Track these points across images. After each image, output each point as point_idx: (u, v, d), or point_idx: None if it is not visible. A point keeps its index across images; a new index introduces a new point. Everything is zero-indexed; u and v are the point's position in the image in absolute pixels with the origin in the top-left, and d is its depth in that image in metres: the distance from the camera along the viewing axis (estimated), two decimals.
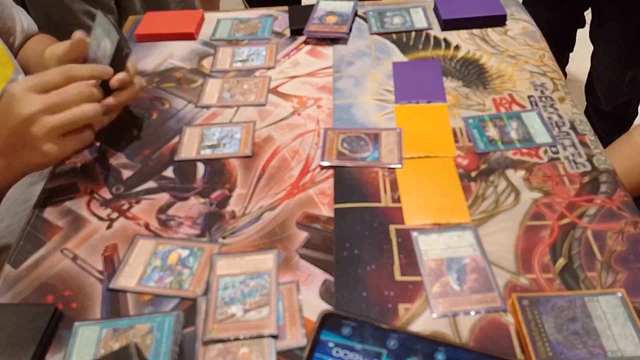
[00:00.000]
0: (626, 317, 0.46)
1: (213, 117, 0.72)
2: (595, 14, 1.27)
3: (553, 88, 0.71)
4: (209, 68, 0.80)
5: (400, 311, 0.49)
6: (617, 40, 1.23)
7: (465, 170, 0.61)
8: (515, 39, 0.81)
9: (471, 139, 0.65)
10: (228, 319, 0.49)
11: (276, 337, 0.47)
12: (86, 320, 0.50)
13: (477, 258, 0.52)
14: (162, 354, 0.46)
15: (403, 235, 0.55)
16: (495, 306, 0.49)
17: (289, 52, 0.82)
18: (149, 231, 0.58)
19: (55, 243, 0.57)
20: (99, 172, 0.65)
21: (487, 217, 0.56)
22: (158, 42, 0.86)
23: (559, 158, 0.62)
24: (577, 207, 0.56)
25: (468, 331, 0.47)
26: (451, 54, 0.79)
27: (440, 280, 0.51)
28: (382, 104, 0.71)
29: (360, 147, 0.65)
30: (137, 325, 0.49)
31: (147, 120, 0.72)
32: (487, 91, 0.72)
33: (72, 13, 1.08)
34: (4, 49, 0.72)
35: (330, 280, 0.52)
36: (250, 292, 0.51)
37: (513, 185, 0.59)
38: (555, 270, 0.51)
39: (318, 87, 0.75)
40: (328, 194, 0.60)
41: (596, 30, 1.28)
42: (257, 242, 0.56)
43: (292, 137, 0.68)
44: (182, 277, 0.53)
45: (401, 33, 0.84)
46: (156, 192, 0.62)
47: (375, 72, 0.77)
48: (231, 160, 0.65)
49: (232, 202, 0.60)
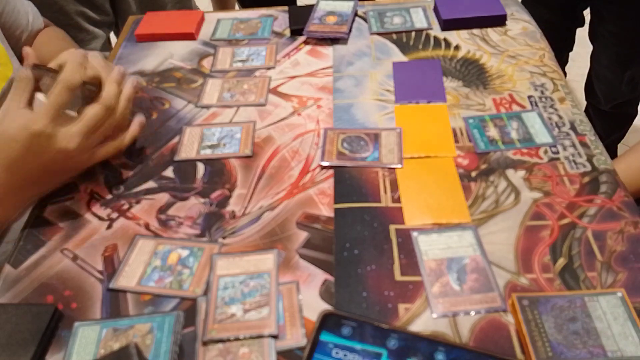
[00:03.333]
0: (626, 317, 0.46)
1: (213, 117, 0.72)
2: (594, 13, 1.27)
3: (553, 88, 0.71)
4: (209, 68, 0.80)
5: (400, 311, 0.49)
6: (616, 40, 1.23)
7: (465, 170, 0.61)
8: (516, 39, 0.81)
9: (471, 139, 0.65)
10: (228, 319, 0.49)
11: (276, 337, 0.47)
12: (86, 320, 0.50)
13: (477, 258, 0.52)
14: (162, 354, 0.46)
15: (403, 235, 0.55)
16: (495, 306, 0.49)
17: (289, 52, 0.82)
18: (149, 231, 0.58)
19: (55, 243, 0.57)
20: (99, 172, 0.65)
21: (487, 217, 0.56)
22: (158, 42, 0.86)
23: (559, 158, 0.62)
24: (577, 207, 0.57)
25: (468, 331, 0.47)
26: (451, 54, 0.79)
27: (440, 280, 0.51)
28: (382, 104, 0.71)
29: (360, 147, 0.65)
30: (137, 325, 0.49)
31: (147, 120, 0.72)
32: (487, 91, 0.72)
33: (67, 14, 1.08)
34: (4, 49, 0.72)
35: (330, 280, 0.52)
36: (250, 292, 0.51)
37: (513, 185, 0.59)
38: (555, 270, 0.51)
39: (318, 87, 0.75)
40: (328, 194, 0.60)
41: (595, 30, 1.29)
42: (257, 242, 0.56)
43: (292, 137, 0.68)
44: (182, 277, 0.53)
45: (401, 33, 0.84)
46: (156, 192, 0.62)
47: (375, 72, 0.77)
48: (231, 160, 0.65)
49: (232, 202, 0.60)
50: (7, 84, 0.69)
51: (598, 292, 0.48)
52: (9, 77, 0.70)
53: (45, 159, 0.56)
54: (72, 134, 0.56)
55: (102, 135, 0.60)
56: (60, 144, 0.56)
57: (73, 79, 0.56)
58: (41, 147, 0.55)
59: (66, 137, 0.56)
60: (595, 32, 1.29)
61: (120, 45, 0.86)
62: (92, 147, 0.60)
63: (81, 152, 0.58)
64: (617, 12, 1.18)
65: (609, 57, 1.27)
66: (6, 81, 0.69)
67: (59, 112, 0.56)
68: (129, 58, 0.83)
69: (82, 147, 0.58)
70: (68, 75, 0.56)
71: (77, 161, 0.59)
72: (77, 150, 0.57)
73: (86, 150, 0.59)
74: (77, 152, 0.58)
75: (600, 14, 1.24)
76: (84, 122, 0.57)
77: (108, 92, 0.59)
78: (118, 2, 1.19)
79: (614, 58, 1.26)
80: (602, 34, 1.25)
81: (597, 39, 1.29)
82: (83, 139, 0.57)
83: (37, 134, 0.54)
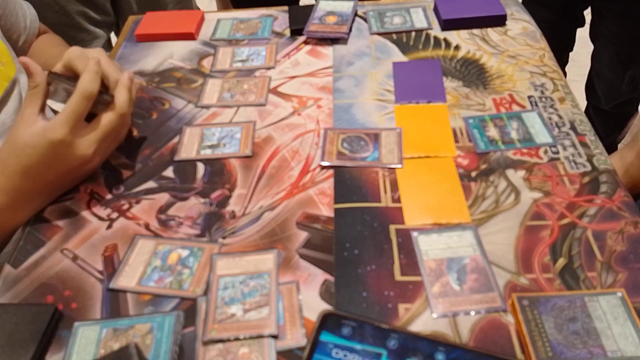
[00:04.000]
0: (626, 317, 0.46)
1: (213, 117, 0.72)
2: (595, 13, 1.27)
3: (553, 88, 0.71)
4: (209, 68, 0.80)
5: (400, 311, 0.49)
6: (617, 40, 1.23)
7: (465, 170, 0.61)
8: (515, 39, 0.81)
9: (471, 139, 0.65)
10: (228, 319, 0.49)
11: (276, 337, 0.47)
12: (86, 320, 0.50)
13: (477, 258, 0.52)
14: (162, 354, 0.46)
15: (403, 235, 0.55)
16: (495, 306, 0.49)
17: (289, 52, 0.82)
18: (149, 231, 0.58)
19: (55, 243, 0.57)
20: (99, 172, 0.65)
21: (487, 217, 0.56)
22: (158, 42, 0.86)
23: (559, 158, 0.62)
24: (577, 207, 0.56)
25: (468, 331, 0.47)
26: (451, 54, 0.79)
27: (440, 280, 0.51)
28: (382, 104, 0.71)
29: (360, 147, 0.65)
30: (137, 325, 0.49)
31: (147, 120, 0.72)
32: (487, 91, 0.72)
33: (68, 14, 1.08)
34: (6, 49, 0.72)
35: (330, 280, 0.52)
36: (250, 292, 0.51)
37: (513, 185, 0.59)
38: (555, 270, 0.51)
39: (318, 87, 0.75)
40: (328, 194, 0.60)
41: (596, 30, 1.29)
42: (257, 242, 0.56)
43: (292, 137, 0.68)
44: (182, 277, 0.53)
45: (401, 33, 0.84)
46: (156, 192, 0.62)
47: (375, 72, 0.77)
48: (231, 160, 0.65)
49: (232, 202, 0.60)
50: (10, 84, 0.69)
51: (598, 292, 0.48)
52: (12, 77, 0.70)
53: (63, 165, 0.58)
54: (90, 143, 0.59)
55: (114, 140, 0.63)
56: (79, 152, 0.58)
57: (91, 88, 0.57)
58: (60, 155, 0.57)
59: (85, 146, 0.58)
60: (596, 31, 1.29)
61: (120, 45, 0.86)
62: (105, 151, 0.62)
63: (96, 157, 0.60)
64: (618, 11, 1.18)
65: (609, 57, 1.28)
66: (9, 81, 0.69)
67: (77, 122, 0.57)
68: (129, 58, 0.83)
69: (98, 153, 0.60)
70: (86, 84, 0.57)
71: (91, 167, 0.61)
72: (94, 157, 0.59)
73: (100, 155, 0.61)
74: (93, 158, 0.60)
75: (601, 13, 1.24)
76: (101, 130, 0.59)
77: (121, 100, 0.61)
78: (119, 2, 1.19)
79: (615, 57, 1.26)
80: (603, 34, 1.25)
81: (598, 38, 1.29)
82: (99, 146, 0.59)
83: (58, 142, 0.56)
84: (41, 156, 0.56)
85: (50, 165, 0.57)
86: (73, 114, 0.56)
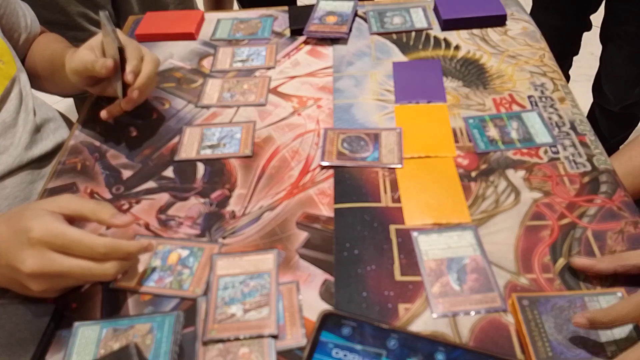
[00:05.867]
0: None
1: (213, 117, 0.72)
2: (610, 14, 1.27)
3: (553, 88, 0.71)
4: (209, 68, 0.80)
5: (400, 311, 0.49)
6: (633, 41, 1.23)
7: (465, 170, 0.61)
8: (515, 39, 0.81)
9: (471, 139, 0.65)
10: (228, 319, 0.49)
11: (276, 337, 0.47)
12: (86, 320, 0.50)
13: (477, 258, 0.52)
14: (162, 354, 0.46)
15: (403, 235, 0.55)
16: (495, 306, 0.49)
17: (289, 52, 0.82)
18: (149, 231, 0.58)
19: None
20: (99, 172, 0.65)
21: (487, 217, 0.56)
22: (158, 42, 0.86)
23: (559, 158, 0.62)
24: (577, 207, 0.56)
25: (468, 331, 0.47)
26: (451, 54, 0.79)
27: (440, 280, 0.51)
28: (382, 104, 0.71)
29: (360, 147, 0.65)
30: (137, 325, 0.49)
31: (147, 120, 0.72)
32: (487, 91, 0.72)
33: (68, 15, 1.08)
34: (7, 47, 0.72)
35: (330, 280, 0.52)
36: (250, 292, 0.51)
37: (513, 185, 0.59)
38: (555, 270, 0.51)
39: (318, 87, 0.75)
40: (328, 194, 0.60)
41: (609, 31, 1.28)
42: (257, 242, 0.56)
43: (292, 137, 0.68)
44: (182, 277, 0.53)
45: (401, 33, 0.84)
46: (156, 192, 0.62)
47: (375, 72, 0.77)
48: (231, 160, 0.65)
49: (232, 202, 0.60)
50: (10, 82, 0.69)
51: (598, 292, 0.48)
52: (12, 75, 0.70)
53: None
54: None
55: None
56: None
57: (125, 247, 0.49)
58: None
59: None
60: (609, 32, 1.29)
61: None
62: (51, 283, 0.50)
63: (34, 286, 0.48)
64: (635, 12, 1.18)
65: (623, 58, 1.27)
66: (9, 79, 0.69)
67: None
68: None
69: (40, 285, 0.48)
70: (122, 245, 0.49)
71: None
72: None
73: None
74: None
75: (616, 14, 1.24)
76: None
77: (123, 245, 0.50)
78: (120, 3, 1.19)
79: (629, 58, 1.26)
80: (618, 34, 1.25)
81: (612, 39, 1.29)
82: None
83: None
84: None
85: None
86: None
